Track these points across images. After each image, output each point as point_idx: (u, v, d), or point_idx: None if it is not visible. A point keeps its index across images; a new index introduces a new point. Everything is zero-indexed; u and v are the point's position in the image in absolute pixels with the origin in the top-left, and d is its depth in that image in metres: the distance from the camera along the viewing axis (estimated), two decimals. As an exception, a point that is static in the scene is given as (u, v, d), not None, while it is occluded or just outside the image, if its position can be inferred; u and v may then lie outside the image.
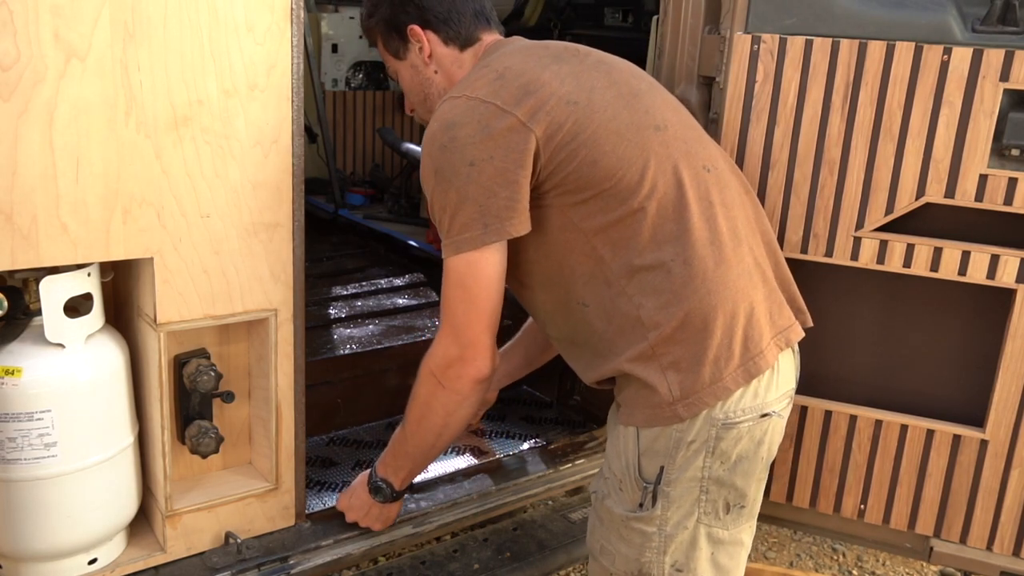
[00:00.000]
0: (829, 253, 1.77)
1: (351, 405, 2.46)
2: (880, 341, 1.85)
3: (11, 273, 1.53)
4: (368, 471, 1.86)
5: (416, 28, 1.64)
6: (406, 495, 1.91)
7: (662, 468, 1.47)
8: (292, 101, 1.67)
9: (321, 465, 2.24)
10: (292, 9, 1.62)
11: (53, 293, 1.50)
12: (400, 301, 2.96)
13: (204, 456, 1.77)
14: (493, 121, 1.42)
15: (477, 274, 1.45)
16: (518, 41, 1.66)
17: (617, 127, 1.47)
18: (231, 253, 1.66)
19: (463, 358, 1.49)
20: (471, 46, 1.67)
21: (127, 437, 1.67)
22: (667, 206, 1.46)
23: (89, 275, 1.56)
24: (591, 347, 1.55)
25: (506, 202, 1.42)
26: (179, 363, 1.73)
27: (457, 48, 1.66)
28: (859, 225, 1.74)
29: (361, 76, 4.44)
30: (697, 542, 1.50)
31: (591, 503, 1.65)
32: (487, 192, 1.41)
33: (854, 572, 2.67)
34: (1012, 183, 1.63)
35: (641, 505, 1.49)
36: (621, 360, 1.47)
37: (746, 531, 1.57)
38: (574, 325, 1.56)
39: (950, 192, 1.67)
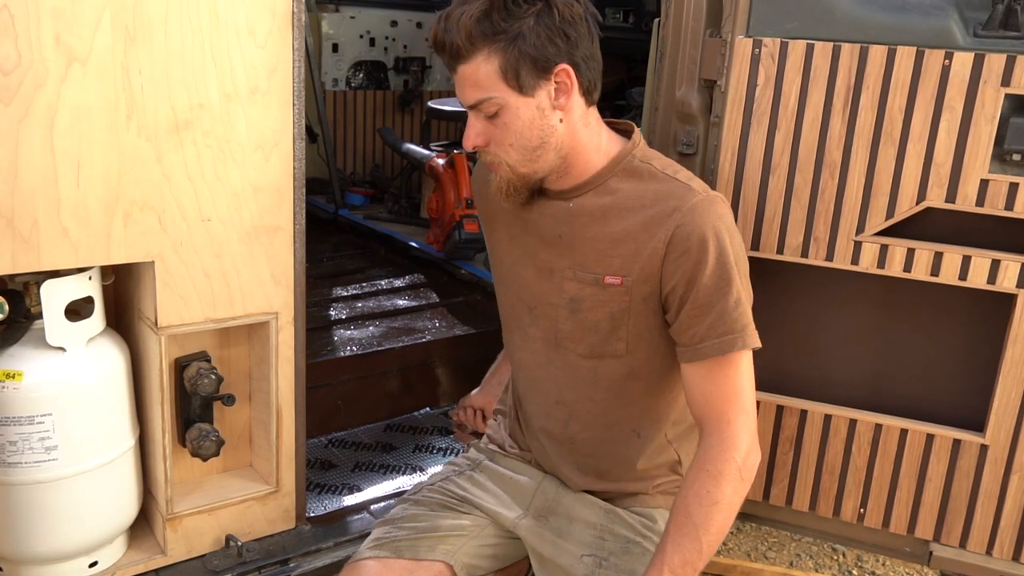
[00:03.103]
0: (830, 257, 1.77)
1: (351, 407, 2.47)
2: (880, 345, 1.85)
3: (12, 277, 1.53)
4: None
5: (569, 69, 1.39)
6: None
7: None
8: (293, 105, 1.66)
9: (320, 467, 2.24)
10: (293, 12, 1.62)
11: (54, 297, 1.51)
12: (400, 302, 2.96)
13: (205, 459, 1.77)
14: None
15: (751, 367, 1.47)
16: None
17: None
18: (232, 256, 1.66)
19: (754, 446, 1.45)
20: (593, 104, 1.48)
21: (128, 440, 1.67)
22: None
23: (90, 279, 1.56)
24: (607, 460, 1.58)
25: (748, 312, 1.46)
26: (180, 366, 1.73)
27: (586, 102, 1.45)
28: (860, 229, 1.74)
29: (361, 76, 4.44)
30: None
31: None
32: (748, 296, 1.45)
33: (854, 572, 2.67)
34: (1013, 188, 1.63)
35: None
36: (648, 487, 1.58)
37: None
38: (611, 445, 1.57)
39: (951, 197, 1.67)
